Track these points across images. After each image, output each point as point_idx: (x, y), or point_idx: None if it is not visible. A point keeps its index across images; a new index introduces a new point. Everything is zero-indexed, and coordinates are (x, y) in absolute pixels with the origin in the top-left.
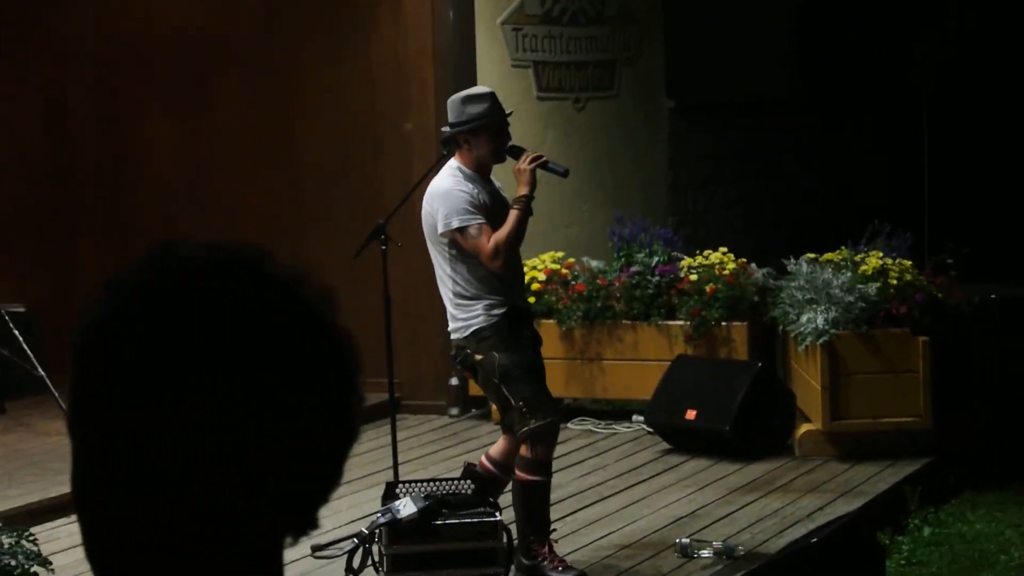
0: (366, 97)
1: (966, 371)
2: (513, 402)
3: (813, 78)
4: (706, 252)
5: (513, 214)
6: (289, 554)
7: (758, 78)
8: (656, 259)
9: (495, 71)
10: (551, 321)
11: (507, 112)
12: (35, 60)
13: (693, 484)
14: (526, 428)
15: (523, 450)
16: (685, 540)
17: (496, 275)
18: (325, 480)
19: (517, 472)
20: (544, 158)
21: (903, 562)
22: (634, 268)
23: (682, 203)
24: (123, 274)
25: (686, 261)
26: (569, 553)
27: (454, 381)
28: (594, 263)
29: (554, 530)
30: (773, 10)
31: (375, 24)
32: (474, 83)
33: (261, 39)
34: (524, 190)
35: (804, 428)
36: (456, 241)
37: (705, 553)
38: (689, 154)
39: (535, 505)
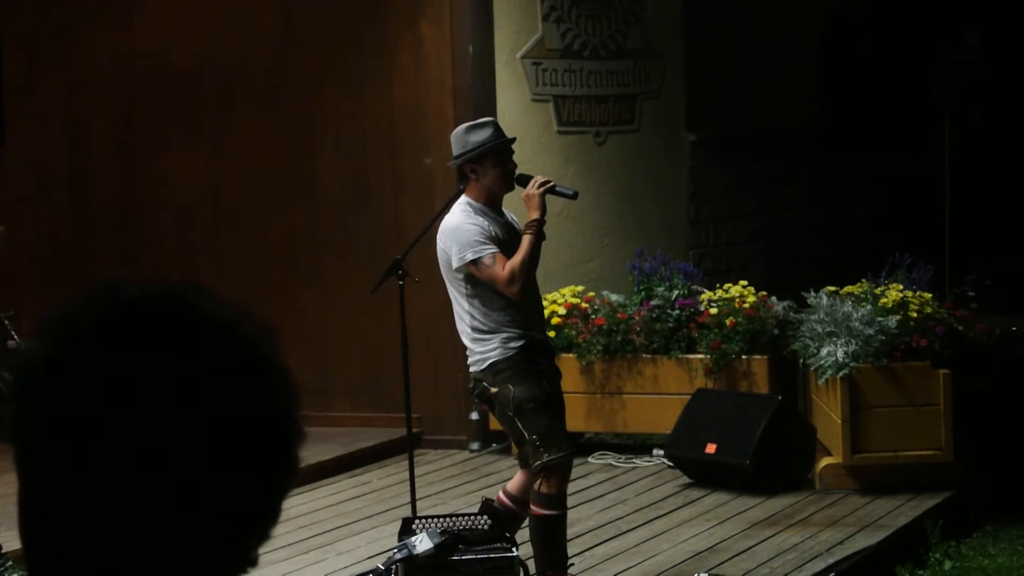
0: (386, 131)
1: (987, 404)
2: (527, 436)
3: (834, 109)
4: (726, 285)
5: (526, 239)
6: None
7: (779, 110)
8: (676, 292)
9: (515, 106)
10: (571, 355)
11: (511, 139)
12: (55, 92)
13: (713, 518)
14: (540, 462)
15: (537, 484)
16: (705, 575)
17: (514, 308)
18: (263, 517)
19: (532, 507)
20: (552, 182)
21: None
22: (654, 302)
23: (703, 236)
24: (59, 314)
25: (706, 294)
26: None
27: (474, 416)
28: (614, 297)
29: (571, 564)
30: (793, 41)
31: (395, 58)
32: (494, 117)
33: (281, 71)
34: (535, 215)
35: (825, 461)
36: (472, 274)
37: None
38: (710, 187)
39: (551, 539)
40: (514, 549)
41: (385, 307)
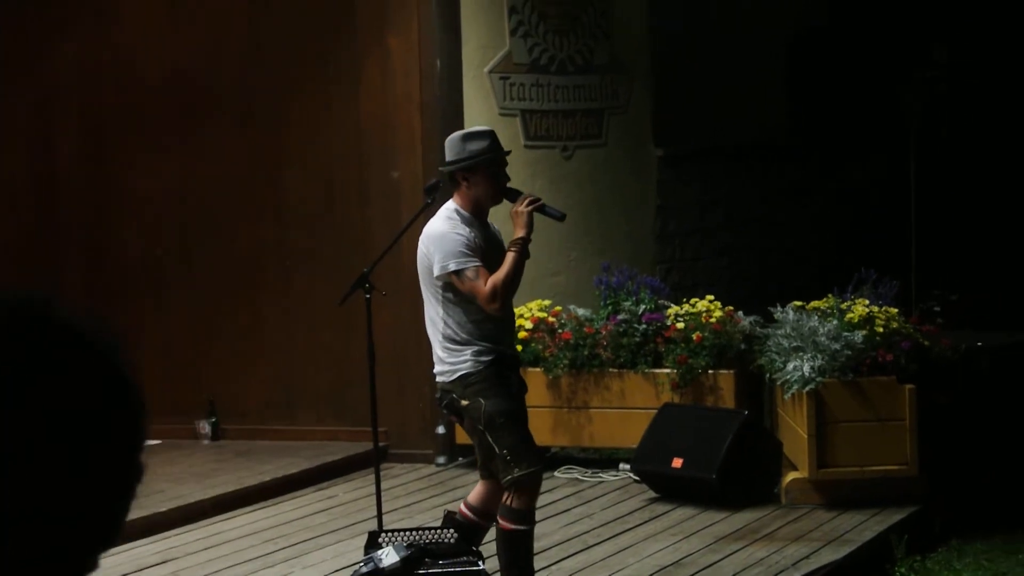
0: (353, 144)
1: (953, 419)
2: (497, 450)
3: (800, 124)
4: (693, 300)
5: (510, 256)
6: None
7: (746, 126)
8: (643, 307)
9: (482, 119)
10: (538, 369)
11: (507, 152)
12: (22, 103)
13: (679, 532)
14: (510, 477)
15: (506, 498)
16: None
17: (490, 321)
18: (106, 522)
19: (500, 521)
20: (541, 201)
21: None
22: (621, 316)
23: (670, 251)
24: None
25: (673, 309)
26: None
27: (441, 430)
28: (581, 311)
29: None
30: (760, 56)
31: (363, 72)
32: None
33: (248, 85)
34: (521, 232)
35: (791, 476)
36: (452, 284)
37: None
38: (677, 202)
39: (518, 554)
40: (480, 562)
41: (352, 320)
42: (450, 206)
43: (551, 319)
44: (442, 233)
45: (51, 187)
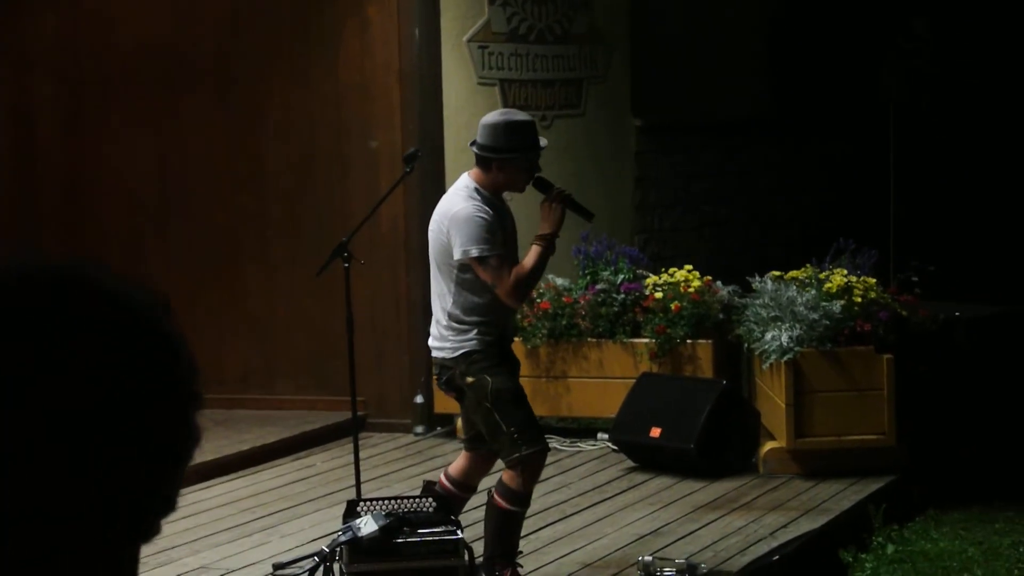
0: (332, 114)
1: (930, 389)
2: (504, 428)
3: (781, 97)
4: (671, 270)
5: (535, 251)
6: (250, 572)
7: (725, 97)
8: (621, 277)
9: (461, 89)
10: (517, 339)
11: (543, 146)
12: None
13: (657, 502)
14: (516, 455)
15: (507, 476)
16: (648, 558)
17: (497, 303)
18: (166, 486)
19: (496, 496)
20: (571, 194)
21: None
22: (599, 286)
23: (648, 221)
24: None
25: (651, 279)
26: (532, 571)
27: (419, 399)
28: (559, 281)
29: (521, 552)
30: (742, 29)
31: (341, 42)
32: (439, 101)
33: (226, 55)
34: (549, 228)
35: (769, 446)
36: (470, 267)
37: (668, 571)
38: (656, 173)
39: (507, 532)
40: (459, 532)
41: (330, 290)
42: (469, 184)
43: None
44: (467, 216)
45: (28, 158)
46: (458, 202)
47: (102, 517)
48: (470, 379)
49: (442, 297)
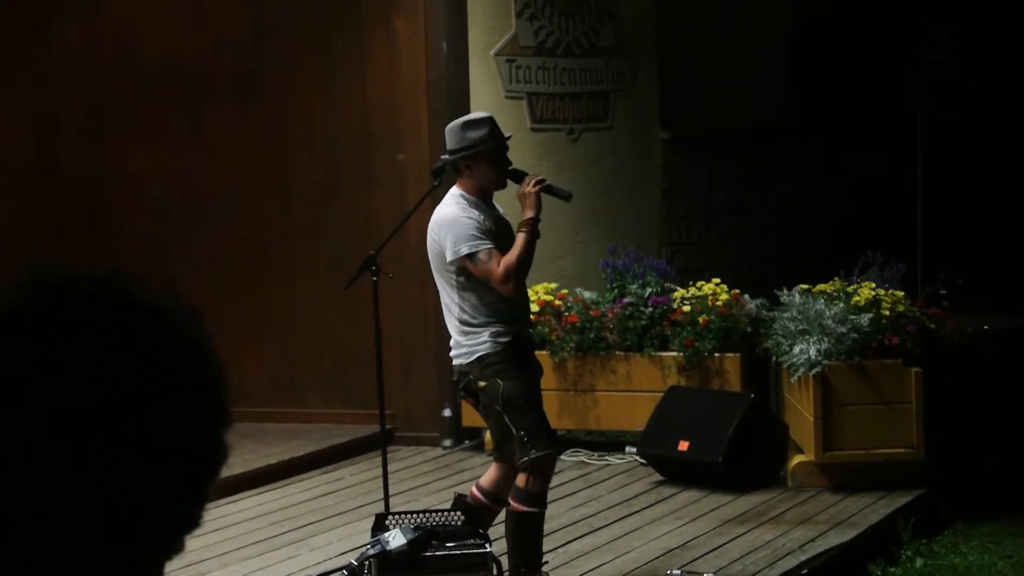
0: (359, 127)
1: (959, 402)
2: (514, 431)
3: (806, 107)
4: (699, 283)
5: (521, 237)
6: None
7: (751, 109)
8: (649, 290)
9: (489, 102)
10: (544, 352)
11: (506, 136)
12: (23, 83)
13: (685, 515)
14: (526, 458)
15: (520, 480)
16: (676, 572)
17: (504, 303)
18: (192, 501)
19: (512, 502)
20: (547, 181)
21: None
22: (627, 299)
23: (676, 234)
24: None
25: (679, 292)
26: None
27: (447, 412)
28: (587, 294)
29: (546, 562)
30: (765, 40)
31: (368, 54)
32: (467, 114)
33: (251, 67)
34: (530, 213)
35: (797, 459)
36: (465, 268)
37: None
38: (683, 185)
39: (528, 536)
40: (487, 545)
41: (357, 303)
42: (455, 192)
43: (557, 302)
44: (453, 218)
45: (54, 170)
46: (445, 209)
47: (102, 517)
48: (482, 383)
49: (449, 307)
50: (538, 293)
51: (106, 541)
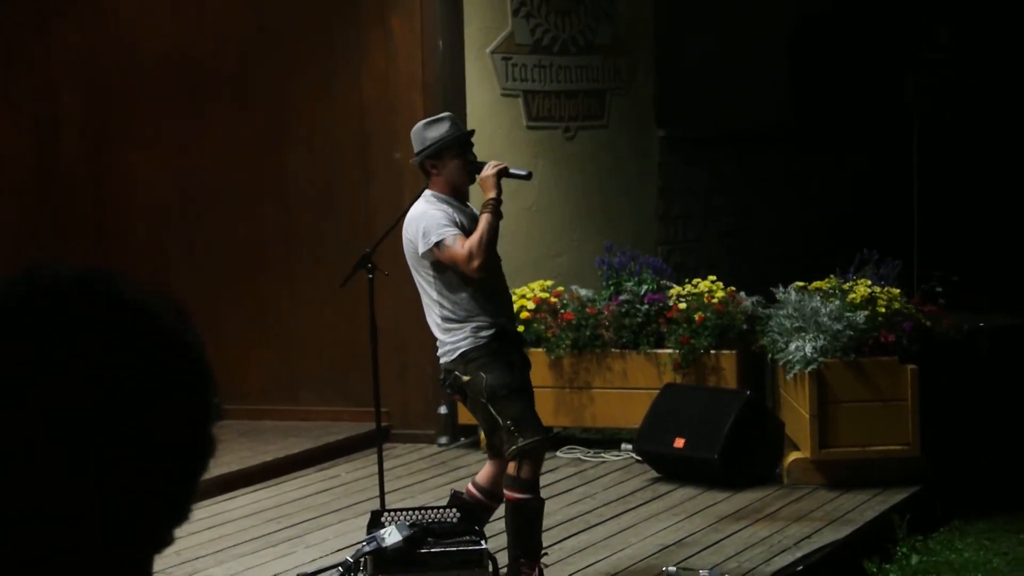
0: (356, 126)
1: (954, 400)
2: (501, 421)
3: (803, 107)
4: (695, 280)
5: (483, 218)
6: None
7: (748, 108)
8: (645, 288)
9: (485, 100)
10: (540, 350)
11: (469, 131)
12: (25, 87)
13: (681, 512)
14: (515, 447)
15: (511, 468)
16: (672, 568)
17: (483, 296)
18: (180, 497)
19: (506, 491)
20: (504, 165)
21: None
22: (623, 297)
23: (672, 232)
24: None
25: (675, 290)
26: None
27: (443, 410)
28: (583, 292)
29: (545, 553)
30: (764, 39)
31: (365, 53)
32: (463, 112)
33: (250, 68)
34: (491, 194)
35: (792, 456)
36: (437, 260)
37: None
38: (679, 183)
39: (524, 525)
40: (483, 542)
41: (354, 301)
42: (426, 193)
43: (553, 299)
44: (422, 212)
45: (54, 171)
46: (415, 207)
47: (102, 517)
48: (466, 378)
49: (429, 306)
50: (534, 290)
51: (106, 541)
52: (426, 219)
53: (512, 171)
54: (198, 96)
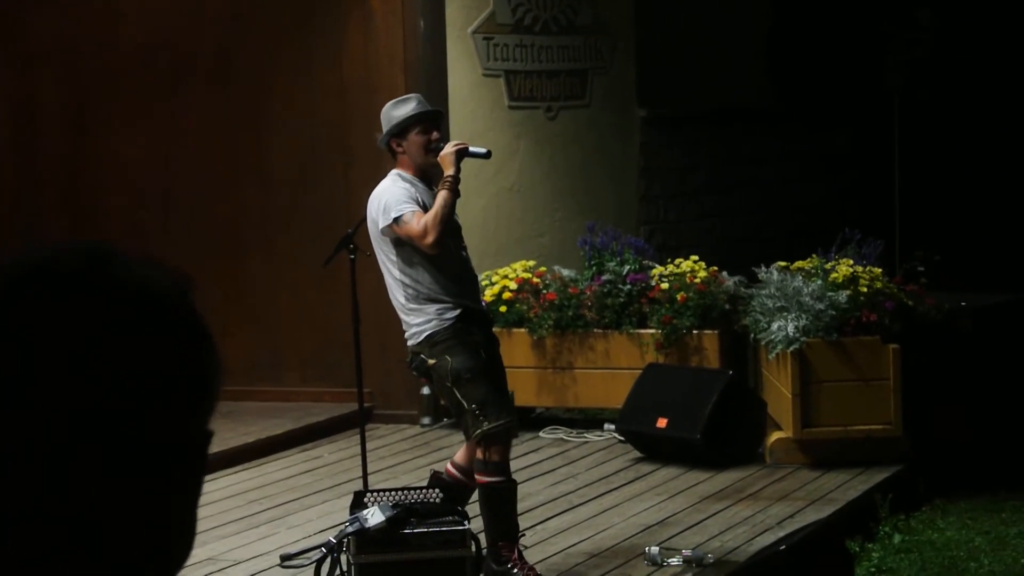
0: (336, 106)
1: (936, 379)
2: (466, 405)
3: (784, 87)
4: (677, 260)
5: (440, 194)
6: (257, 564)
7: (730, 87)
8: (627, 268)
9: (466, 80)
10: (522, 330)
11: (434, 110)
12: (2, 69)
13: (664, 492)
14: (480, 431)
15: (478, 453)
16: (655, 548)
17: (445, 277)
18: (186, 480)
19: (476, 475)
20: (464, 144)
21: (873, 569)
22: (605, 277)
23: (654, 212)
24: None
25: (657, 270)
26: (539, 561)
27: (425, 390)
28: (565, 272)
29: (523, 535)
30: (745, 19)
31: (345, 33)
32: (445, 92)
33: (228, 48)
34: (449, 170)
35: (775, 436)
36: (396, 235)
37: (675, 561)
38: (661, 163)
39: (499, 507)
40: (466, 522)
41: (335, 282)
42: (392, 172)
43: (535, 280)
44: (384, 189)
45: (32, 152)
46: (379, 186)
47: (103, 517)
48: (432, 361)
49: (392, 288)
50: (516, 271)
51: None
52: (387, 195)
53: (472, 150)
54: (176, 77)
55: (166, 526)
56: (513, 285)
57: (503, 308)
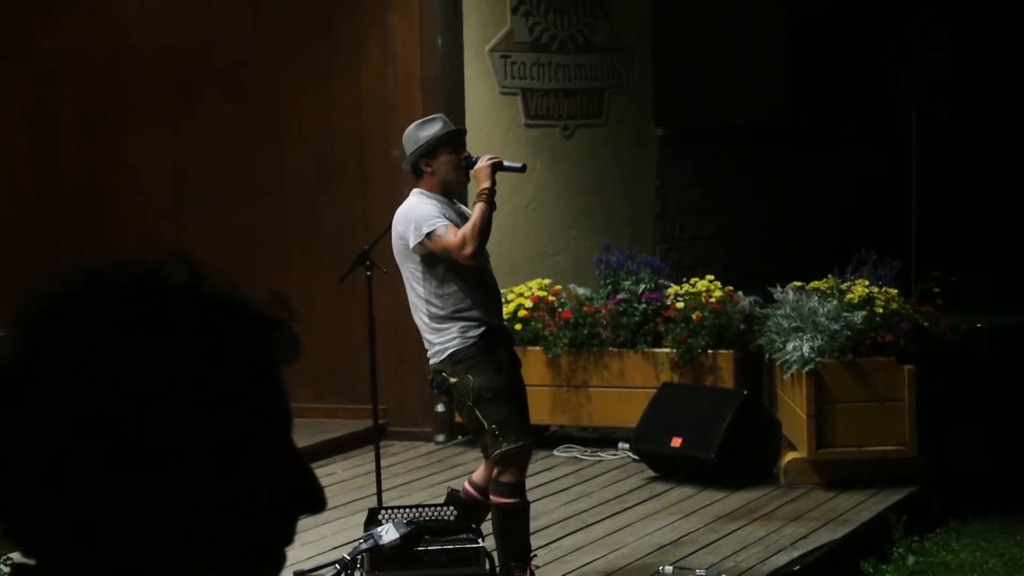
0: (353, 122)
1: (951, 400)
2: (486, 425)
3: (801, 105)
4: (692, 280)
5: (477, 207)
6: None
7: (746, 106)
8: (643, 286)
9: (483, 98)
10: (537, 348)
11: (461, 129)
12: (17, 74)
13: (678, 512)
14: (498, 451)
15: (495, 473)
16: (669, 568)
17: (471, 293)
18: (279, 517)
19: (492, 496)
20: (498, 158)
21: None
22: (620, 295)
23: (670, 231)
24: (35, 304)
25: (672, 289)
26: None
27: (440, 408)
28: (581, 290)
29: (535, 555)
30: (760, 38)
31: (363, 49)
32: (462, 110)
33: (246, 61)
34: (485, 184)
35: (789, 456)
36: (429, 254)
37: None
38: (677, 182)
39: (513, 529)
40: (480, 540)
41: (351, 298)
42: (416, 191)
43: (551, 298)
44: (410, 207)
45: (49, 163)
46: (405, 204)
47: (103, 517)
48: (453, 379)
49: (416, 304)
50: (531, 289)
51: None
52: (416, 212)
53: (507, 164)
54: (193, 90)
55: (166, 526)
56: (528, 303)
57: (518, 326)
